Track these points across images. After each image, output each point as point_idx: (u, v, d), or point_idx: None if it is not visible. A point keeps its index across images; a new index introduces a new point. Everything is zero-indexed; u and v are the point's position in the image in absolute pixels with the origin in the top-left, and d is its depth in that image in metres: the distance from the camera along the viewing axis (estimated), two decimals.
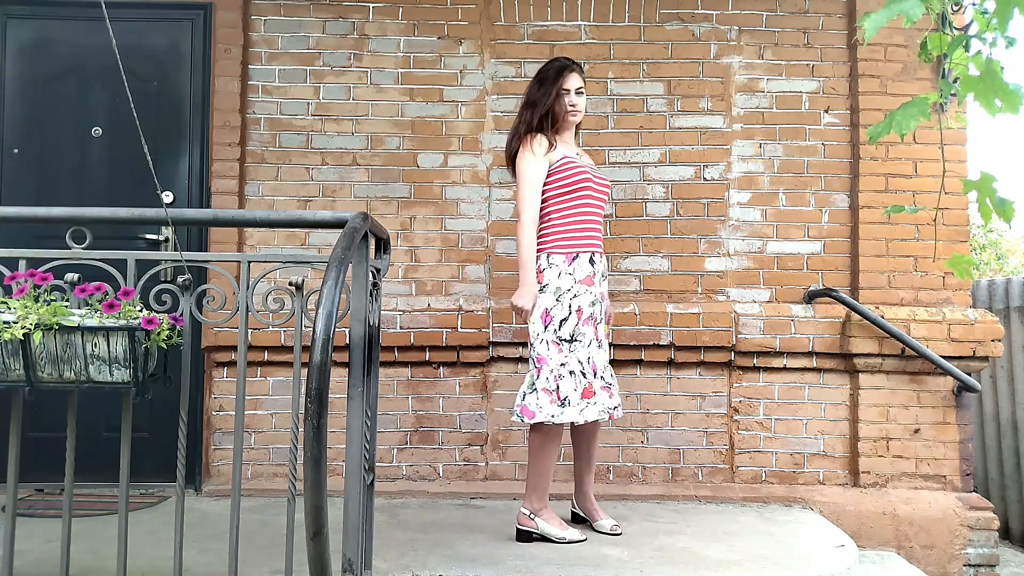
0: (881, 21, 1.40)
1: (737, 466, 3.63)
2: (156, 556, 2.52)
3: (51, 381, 1.89)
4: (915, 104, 1.67)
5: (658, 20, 3.79)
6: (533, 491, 2.78)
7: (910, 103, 1.69)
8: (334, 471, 3.49)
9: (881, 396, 3.58)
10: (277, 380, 3.64)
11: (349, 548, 1.84)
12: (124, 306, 1.90)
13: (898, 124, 1.66)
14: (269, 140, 3.75)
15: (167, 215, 2.00)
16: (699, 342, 3.58)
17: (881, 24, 1.40)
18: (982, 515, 3.40)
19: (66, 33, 3.75)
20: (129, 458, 2.04)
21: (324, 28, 3.78)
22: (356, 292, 1.91)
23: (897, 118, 1.67)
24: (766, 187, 3.76)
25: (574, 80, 2.84)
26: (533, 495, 2.78)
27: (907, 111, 1.67)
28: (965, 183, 1.64)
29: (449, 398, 3.65)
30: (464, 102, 3.77)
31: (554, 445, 2.78)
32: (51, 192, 3.68)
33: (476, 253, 3.74)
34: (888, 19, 1.40)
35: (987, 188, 1.61)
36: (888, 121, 1.70)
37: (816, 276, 3.72)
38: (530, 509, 2.79)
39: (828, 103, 3.76)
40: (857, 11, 3.69)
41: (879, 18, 1.40)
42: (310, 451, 1.54)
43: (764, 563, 2.59)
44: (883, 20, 1.40)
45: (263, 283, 3.22)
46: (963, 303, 3.65)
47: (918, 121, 1.66)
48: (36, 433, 3.42)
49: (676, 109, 3.77)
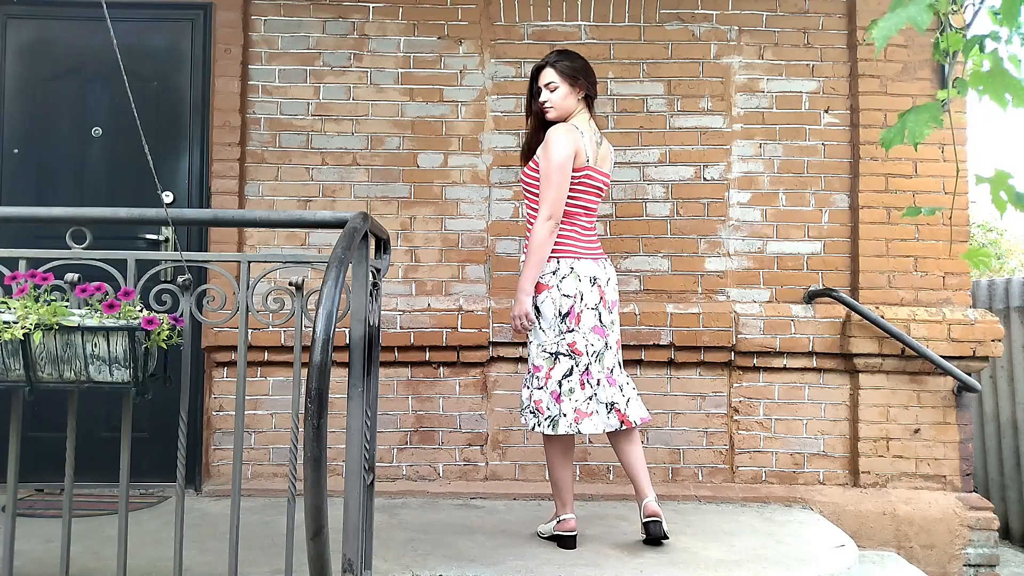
0: (890, 30, 1.39)
1: (737, 466, 3.63)
2: (156, 556, 2.52)
3: (51, 381, 1.90)
4: (926, 110, 1.66)
5: (658, 20, 3.79)
6: (555, 498, 2.78)
7: (920, 108, 1.68)
8: (334, 471, 3.49)
9: (881, 396, 3.58)
10: (277, 380, 3.64)
11: (349, 548, 1.84)
12: (124, 306, 1.90)
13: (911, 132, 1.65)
14: (269, 140, 3.75)
15: (167, 215, 2.00)
16: (699, 342, 3.58)
17: (891, 33, 1.39)
18: (982, 515, 3.40)
19: (66, 33, 3.75)
20: (129, 458, 2.04)
21: (324, 28, 3.78)
22: (356, 292, 1.91)
23: (909, 125, 1.66)
24: (766, 187, 3.76)
25: (542, 77, 2.79)
26: (556, 501, 2.79)
27: (918, 117, 1.66)
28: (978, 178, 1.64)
29: (449, 398, 3.65)
30: (464, 102, 3.77)
31: (558, 454, 2.73)
32: (51, 192, 3.68)
33: (476, 253, 3.74)
34: (897, 27, 1.39)
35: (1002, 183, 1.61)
36: (900, 127, 1.68)
37: (816, 276, 3.73)
38: (551, 515, 2.84)
39: (828, 103, 3.76)
40: (857, 11, 3.70)
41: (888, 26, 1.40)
42: (310, 451, 1.54)
43: (764, 563, 2.59)
44: (892, 29, 1.39)
45: (263, 283, 3.22)
46: (963, 303, 3.65)
47: (930, 129, 1.65)
48: (36, 433, 3.41)
49: (676, 109, 3.77)
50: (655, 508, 2.64)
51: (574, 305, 2.67)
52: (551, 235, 2.65)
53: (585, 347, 2.68)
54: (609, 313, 2.74)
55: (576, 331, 2.67)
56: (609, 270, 2.80)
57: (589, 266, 2.71)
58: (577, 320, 2.67)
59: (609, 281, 2.77)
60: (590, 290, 2.69)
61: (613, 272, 2.82)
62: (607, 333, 2.72)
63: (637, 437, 2.74)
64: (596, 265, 2.73)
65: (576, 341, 2.67)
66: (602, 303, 2.72)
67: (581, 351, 2.67)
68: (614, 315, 2.77)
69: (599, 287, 2.71)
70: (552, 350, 2.69)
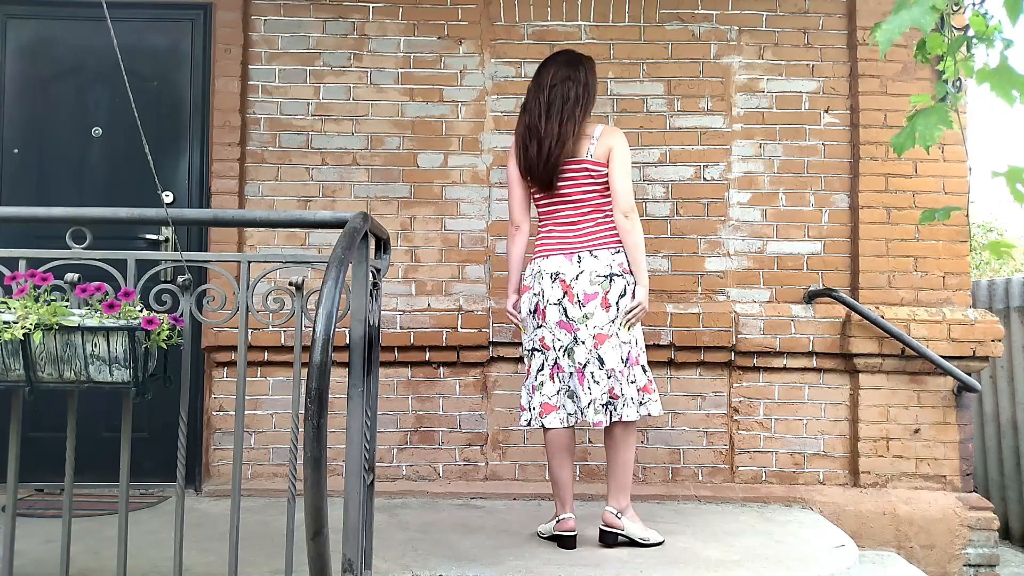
0: (894, 32, 1.39)
1: (737, 466, 3.63)
2: (156, 556, 2.52)
3: (51, 381, 1.89)
4: (935, 112, 1.65)
5: (658, 20, 3.79)
6: (554, 497, 2.79)
7: (928, 111, 1.67)
8: (334, 471, 3.49)
9: (881, 396, 3.58)
10: (277, 380, 3.64)
11: (349, 548, 1.84)
12: (124, 306, 1.90)
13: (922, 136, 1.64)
14: (269, 140, 3.75)
15: (167, 215, 2.00)
16: (699, 342, 3.58)
17: (895, 36, 1.39)
18: (982, 515, 3.40)
19: (66, 33, 3.75)
20: (129, 458, 2.04)
21: (324, 28, 3.78)
22: (356, 292, 1.91)
23: (919, 128, 1.65)
24: (766, 187, 3.76)
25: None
26: (555, 500, 2.79)
27: (928, 120, 1.65)
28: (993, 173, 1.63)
29: (449, 398, 3.65)
30: (464, 102, 3.77)
31: (552, 451, 2.74)
32: (51, 192, 3.67)
33: (476, 253, 3.74)
34: (901, 30, 1.38)
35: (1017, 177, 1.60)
36: (911, 131, 1.67)
37: (816, 276, 3.72)
38: (552, 515, 2.84)
39: (828, 103, 3.76)
40: (857, 11, 3.70)
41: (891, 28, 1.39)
42: (310, 451, 1.54)
43: (764, 563, 2.59)
44: (896, 32, 1.39)
45: (263, 283, 3.22)
46: (963, 303, 3.65)
47: (941, 131, 1.65)
48: (36, 433, 3.41)
49: (676, 109, 3.77)
50: (610, 518, 2.72)
51: (538, 302, 2.76)
52: (512, 241, 2.86)
53: (552, 342, 2.74)
54: (580, 308, 2.68)
55: (544, 327, 2.75)
56: (587, 263, 2.69)
57: (555, 262, 2.73)
58: (543, 316, 2.74)
59: (580, 275, 2.69)
60: (551, 286, 2.73)
61: (597, 264, 2.69)
62: (575, 328, 2.69)
63: (624, 439, 2.71)
64: (565, 260, 2.72)
65: (544, 336, 2.76)
66: (567, 298, 2.70)
67: (549, 346, 2.75)
68: (590, 309, 2.68)
69: (562, 282, 2.71)
70: (529, 347, 2.83)
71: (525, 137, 2.78)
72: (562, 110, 2.74)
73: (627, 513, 2.73)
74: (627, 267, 2.73)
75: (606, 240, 2.74)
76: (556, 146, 2.72)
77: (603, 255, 2.72)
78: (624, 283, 2.71)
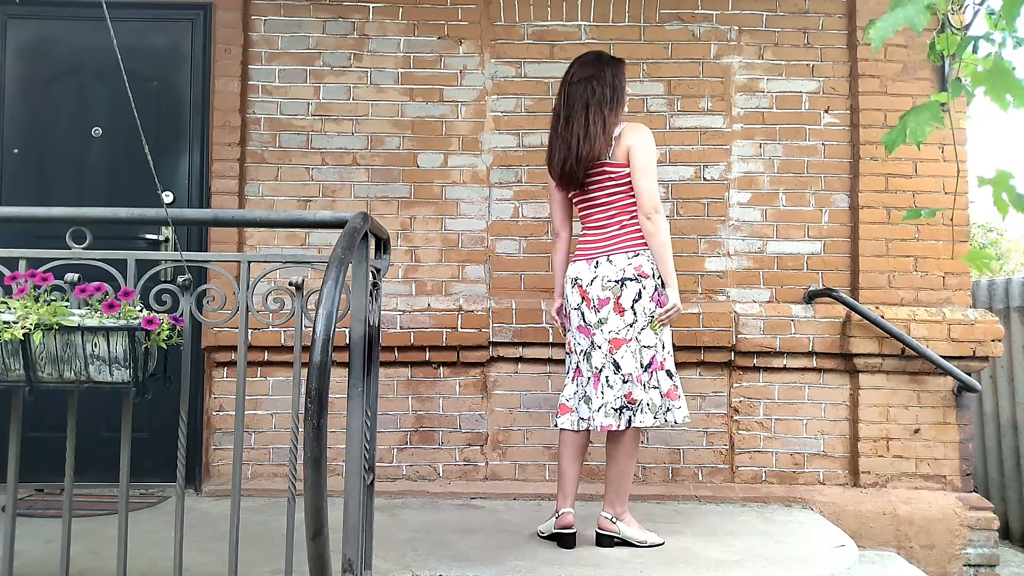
0: (887, 31, 1.39)
1: (737, 466, 3.63)
2: (156, 556, 2.52)
3: (51, 381, 1.89)
4: (926, 109, 1.66)
5: (658, 20, 3.79)
6: (557, 492, 2.79)
7: (920, 108, 1.67)
8: (334, 471, 3.49)
9: (881, 396, 3.58)
10: (277, 380, 3.64)
11: (349, 548, 1.84)
12: (124, 306, 1.90)
13: (913, 132, 1.65)
14: (269, 140, 3.75)
15: (167, 215, 2.00)
16: (699, 342, 3.58)
17: (888, 34, 1.39)
18: (982, 515, 3.40)
19: (66, 33, 3.75)
20: (129, 458, 2.04)
21: (324, 28, 3.78)
22: (356, 292, 1.91)
23: (911, 125, 1.65)
24: (766, 187, 3.76)
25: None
26: (558, 495, 2.78)
27: (919, 116, 1.65)
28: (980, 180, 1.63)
29: (449, 398, 3.65)
30: (464, 102, 3.77)
31: (562, 446, 2.78)
32: (51, 192, 3.67)
33: (476, 253, 3.74)
34: (894, 28, 1.39)
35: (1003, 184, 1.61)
36: (902, 128, 1.68)
37: (816, 276, 3.72)
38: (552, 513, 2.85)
39: (828, 103, 3.76)
40: (857, 11, 3.70)
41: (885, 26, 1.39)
42: (310, 451, 1.54)
43: (764, 563, 2.59)
44: (889, 30, 1.39)
45: (263, 283, 3.22)
46: (963, 303, 3.65)
47: (932, 127, 1.65)
48: (36, 433, 3.41)
49: (676, 109, 3.77)
50: (605, 523, 2.72)
51: (565, 306, 2.84)
52: (552, 248, 2.99)
53: (575, 346, 2.80)
54: (595, 313, 2.69)
55: (570, 330, 2.83)
56: (602, 268, 2.69)
57: (577, 268, 2.79)
58: (569, 320, 2.82)
59: (594, 280, 2.69)
60: (571, 291, 2.78)
61: (610, 269, 2.67)
62: (592, 332, 2.70)
63: (627, 450, 2.69)
64: (585, 265, 2.75)
65: (570, 340, 2.83)
66: (584, 303, 2.72)
67: (573, 349, 2.82)
68: (603, 314, 2.67)
69: (580, 287, 2.74)
70: (567, 349, 2.88)
71: (551, 138, 2.81)
72: (586, 108, 2.68)
73: (623, 518, 2.74)
74: (645, 270, 2.67)
75: (626, 243, 2.70)
76: (581, 145, 2.67)
77: (619, 259, 2.68)
78: (638, 287, 2.65)
